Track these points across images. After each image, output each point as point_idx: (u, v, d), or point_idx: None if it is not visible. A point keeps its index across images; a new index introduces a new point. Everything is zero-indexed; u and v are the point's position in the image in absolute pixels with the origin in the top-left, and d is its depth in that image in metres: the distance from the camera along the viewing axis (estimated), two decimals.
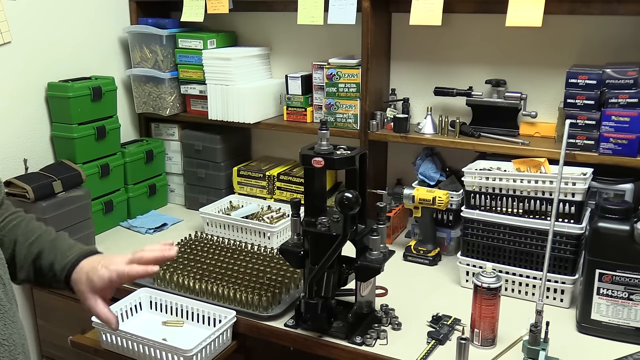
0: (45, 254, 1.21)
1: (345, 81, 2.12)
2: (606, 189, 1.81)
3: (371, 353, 1.50)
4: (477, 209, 1.76)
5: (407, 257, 2.00)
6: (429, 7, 1.87)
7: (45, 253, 1.21)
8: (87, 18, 2.32)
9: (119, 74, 2.45)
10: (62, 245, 1.23)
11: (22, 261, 1.21)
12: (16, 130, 2.10)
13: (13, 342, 1.02)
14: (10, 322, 1.03)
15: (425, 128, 2.05)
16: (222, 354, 1.61)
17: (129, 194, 2.37)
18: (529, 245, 1.69)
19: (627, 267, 1.48)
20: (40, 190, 1.95)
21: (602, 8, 1.83)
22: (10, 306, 1.05)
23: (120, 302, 1.69)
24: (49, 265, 1.20)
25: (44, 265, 1.20)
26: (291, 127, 2.28)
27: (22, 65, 2.09)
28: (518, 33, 1.97)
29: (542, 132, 1.97)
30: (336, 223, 1.52)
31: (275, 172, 2.35)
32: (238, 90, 2.26)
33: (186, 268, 1.86)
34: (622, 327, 1.52)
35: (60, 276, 1.19)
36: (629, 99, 1.71)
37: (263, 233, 2.09)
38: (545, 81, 2.00)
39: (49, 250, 1.22)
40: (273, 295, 1.68)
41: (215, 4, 2.22)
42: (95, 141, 2.20)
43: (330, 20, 2.04)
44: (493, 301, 1.49)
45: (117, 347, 1.60)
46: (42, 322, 2.15)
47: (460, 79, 2.12)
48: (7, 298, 1.04)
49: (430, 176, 2.08)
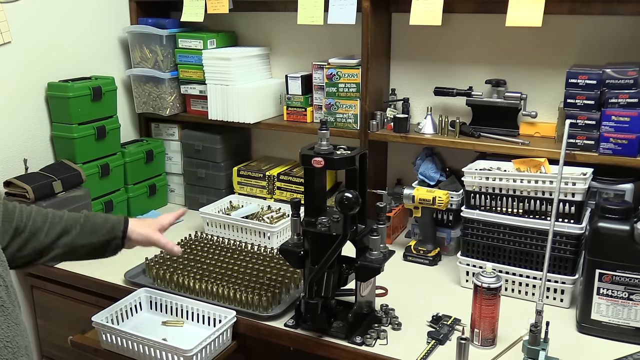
0: (92, 216, 1.44)
1: (345, 81, 2.12)
2: (606, 189, 1.81)
3: (371, 353, 1.49)
4: (477, 209, 1.76)
5: (407, 257, 2.00)
6: (429, 7, 1.87)
7: (92, 215, 1.44)
8: (87, 18, 2.32)
9: (119, 74, 2.45)
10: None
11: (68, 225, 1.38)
12: (16, 130, 2.10)
13: (16, 344, 1.02)
14: (13, 324, 1.03)
15: (425, 128, 2.05)
16: (222, 354, 1.60)
17: (129, 194, 2.37)
18: (529, 245, 1.69)
19: (627, 267, 1.48)
20: (40, 190, 1.95)
21: (602, 8, 1.83)
22: (13, 308, 1.05)
23: (120, 302, 1.69)
24: (102, 220, 1.43)
25: (97, 221, 1.42)
26: (291, 127, 2.28)
27: (22, 65, 2.09)
28: (518, 33, 1.97)
29: (542, 132, 1.97)
30: (336, 223, 1.52)
31: (275, 172, 2.35)
32: (238, 90, 2.26)
33: (186, 268, 1.86)
34: (622, 327, 1.52)
35: (119, 224, 1.44)
36: (629, 99, 1.71)
37: (263, 233, 2.09)
38: (545, 81, 2.00)
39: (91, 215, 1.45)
40: (273, 295, 1.68)
41: (215, 4, 2.22)
42: (95, 141, 2.20)
43: (330, 20, 2.04)
44: (493, 301, 1.49)
45: (117, 347, 1.60)
46: (42, 322, 2.15)
47: (460, 79, 2.12)
48: (10, 300, 1.05)
49: (430, 176, 2.08)
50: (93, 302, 1.90)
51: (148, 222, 1.52)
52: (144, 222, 1.52)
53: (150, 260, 1.90)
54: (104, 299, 1.84)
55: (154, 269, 1.84)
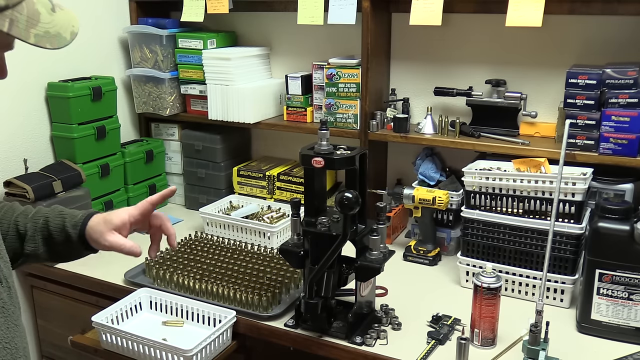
0: (52, 219, 1.23)
1: (345, 81, 2.12)
2: (606, 189, 1.81)
3: (371, 353, 1.50)
4: (477, 209, 1.76)
5: (407, 257, 2.00)
6: (429, 7, 1.87)
7: (52, 218, 1.23)
8: (87, 18, 2.31)
9: (119, 74, 2.46)
10: (66, 210, 1.26)
11: (29, 232, 1.22)
12: (16, 130, 2.10)
13: (15, 346, 1.02)
14: (13, 325, 1.03)
15: (425, 128, 2.05)
16: (222, 354, 1.60)
17: (129, 194, 2.37)
18: (529, 245, 1.69)
19: (627, 267, 1.48)
20: (40, 190, 1.95)
21: (602, 8, 1.83)
22: (14, 309, 1.05)
23: (120, 302, 1.69)
24: (60, 226, 1.22)
25: (54, 229, 1.22)
26: (291, 127, 2.28)
27: (22, 65, 2.09)
28: (518, 33, 1.97)
29: (542, 132, 1.97)
30: (336, 223, 1.52)
31: (275, 172, 2.35)
32: (238, 90, 2.26)
33: (186, 268, 1.86)
34: (622, 327, 1.52)
35: (74, 231, 1.21)
36: (629, 99, 1.71)
37: (263, 233, 2.09)
38: (545, 81, 2.00)
39: (55, 216, 1.24)
40: (273, 295, 1.68)
41: (215, 4, 2.22)
42: (95, 141, 2.20)
43: (330, 20, 2.04)
44: (493, 301, 1.49)
45: (117, 347, 1.60)
46: (42, 322, 2.15)
47: (460, 79, 2.12)
48: (12, 301, 1.05)
49: (430, 176, 2.08)
50: (93, 302, 1.90)
51: (110, 218, 1.22)
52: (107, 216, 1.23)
53: (150, 260, 1.90)
54: (104, 299, 1.84)
55: (154, 269, 1.84)
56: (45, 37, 0.87)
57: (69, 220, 1.23)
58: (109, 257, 1.47)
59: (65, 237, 1.22)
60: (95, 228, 1.21)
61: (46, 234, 1.22)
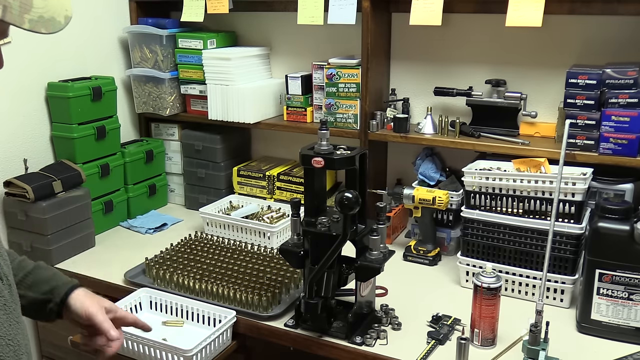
0: (43, 268, 1.26)
1: (345, 81, 2.12)
2: (606, 189, 1.81)
3: (371, 353, 1.50)
4: (477, 209, 1.76)
5: (407, 257, 2.00)
6: (429, 7, 1.87)
7: (43, 268, 1.26)
8: (87, 18, 2.32)
9: (119, 74, 2.45)
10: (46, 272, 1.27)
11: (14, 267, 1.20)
12: (16, 130, 2.10)
13: (17, 343, 1.02)
14: (15, 322, 1.03)
15: (425, 128, 2.05)
16: (222, 354, 1.61)
17: (129, 194, 2.37)
18: (529, 245, 1.69)
19: (627, 267, 1.48)
20: (40, 190, 1.95)
21: (602, 8, 1.83)
22: (15, 307, 1.05)
23: (120, 302, 1.69)
24: (49, 276, 1.24)
25: (43, 276, 1.24)
26: (291, 127, 2.28)
27: (22, 65, 2.09)
28: (518, 33, 1.97)
29: (542, 132, 1.97)
30: (336, 223, 1.52)
31: (275, 172, 2.35)
32: (238, 90, 2.26)
33: (186, 268, 1.86)
34: (622, 327, 1.52)
35: (63, 287, 1.23)
36: (629, 99, 1.71)
37: (263, 233, 2.09)
38: (545, 81, 2.00)
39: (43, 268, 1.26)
40: (273, 295, 1.68)
41: (215, 4, 2.22)
42: (95, 141, 2.20)
43: (330, 20, 2.04)
44: (493, 301, 1.49)
45: None
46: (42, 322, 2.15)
47: (460, 79, 2.12)
48: (13, 299, 1.05)
49: (430, 176, 2.08)
50: None
51: (98, 300, 1.26)
52: (94, 297, 1.26)
53: (150, 260, 1.90)
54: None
55: (154, 269, 1.84)
56: (40, 21, 0.86)
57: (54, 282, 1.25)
58: (109, 257, 1.47)
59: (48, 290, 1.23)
60: (83, 301, 1.23)
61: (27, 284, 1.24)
